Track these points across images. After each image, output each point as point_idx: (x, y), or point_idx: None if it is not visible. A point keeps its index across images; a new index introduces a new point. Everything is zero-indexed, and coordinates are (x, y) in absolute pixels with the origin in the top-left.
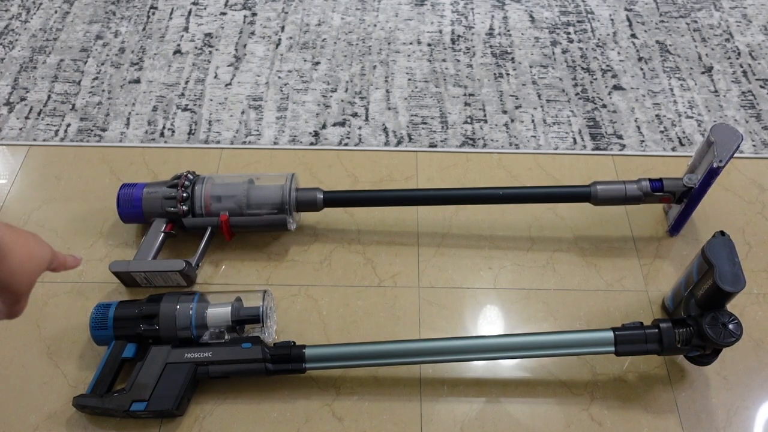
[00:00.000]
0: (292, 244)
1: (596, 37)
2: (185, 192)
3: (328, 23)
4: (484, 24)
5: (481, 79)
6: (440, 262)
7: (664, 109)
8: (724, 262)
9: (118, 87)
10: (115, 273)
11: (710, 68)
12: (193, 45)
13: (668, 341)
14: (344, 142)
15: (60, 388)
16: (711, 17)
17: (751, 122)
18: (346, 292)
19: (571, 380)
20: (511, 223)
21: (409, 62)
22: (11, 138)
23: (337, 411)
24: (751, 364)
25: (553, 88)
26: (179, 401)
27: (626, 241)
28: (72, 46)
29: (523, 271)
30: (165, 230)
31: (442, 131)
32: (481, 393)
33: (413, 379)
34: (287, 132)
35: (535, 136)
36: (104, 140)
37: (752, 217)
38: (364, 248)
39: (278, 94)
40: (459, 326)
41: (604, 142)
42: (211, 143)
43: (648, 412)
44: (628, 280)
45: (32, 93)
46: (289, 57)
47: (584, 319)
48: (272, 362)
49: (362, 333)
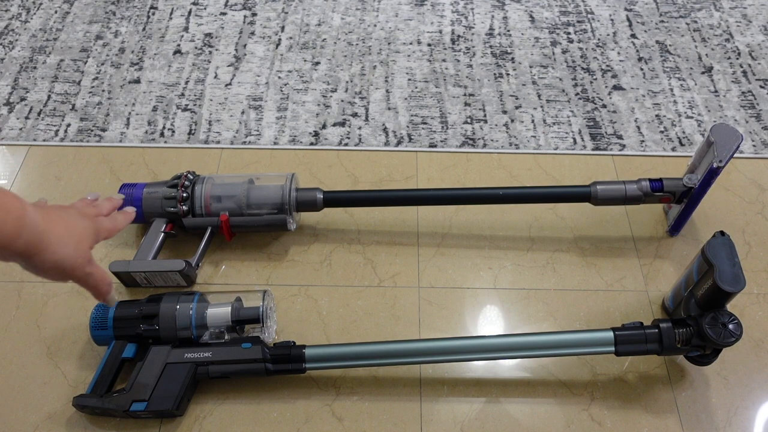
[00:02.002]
0: (292, 244)
1: (596, 37)
2: (185, 192)
3: (328, 23)
4: (484, 24)
5: (481, 79)
6: (440, 262)
7: (664, 109)
8: (724, 262)
9: (118, 87)
10: (114, 273)
11: (710, 68)
12: (193, 45)
13: (668, 341)
14: (344, 142)
15: (60, 388)
16: (711, 17)
17: (751, 122)
18: (346, 292)
19: (571, 380)
20: (511, 223)
21: (409, 62)
22: (11, 138)
23: (337, 411)
24: (751, 364)
25: (553, 88)
26: (179, 401)
27: (626, 241)
28: (72, 46)
29: (523, 271)
30: (165, 230)
31: (442, 131)
32: (481, 393)
33: (413, 379)
34: (287, 132)
35: (535, 136)
36: (104, 140)
37: (752, 217)
38: (364, 248)
39: (278, 94)
40: (459, 326)
41: (604, 142)
42: (211, 143)
43: (648, 412)
44: (628, 280)
45: (32, 93)
46: (289, 57)
47: (584, 319)
48: (272, 362)
49: (362, 333)
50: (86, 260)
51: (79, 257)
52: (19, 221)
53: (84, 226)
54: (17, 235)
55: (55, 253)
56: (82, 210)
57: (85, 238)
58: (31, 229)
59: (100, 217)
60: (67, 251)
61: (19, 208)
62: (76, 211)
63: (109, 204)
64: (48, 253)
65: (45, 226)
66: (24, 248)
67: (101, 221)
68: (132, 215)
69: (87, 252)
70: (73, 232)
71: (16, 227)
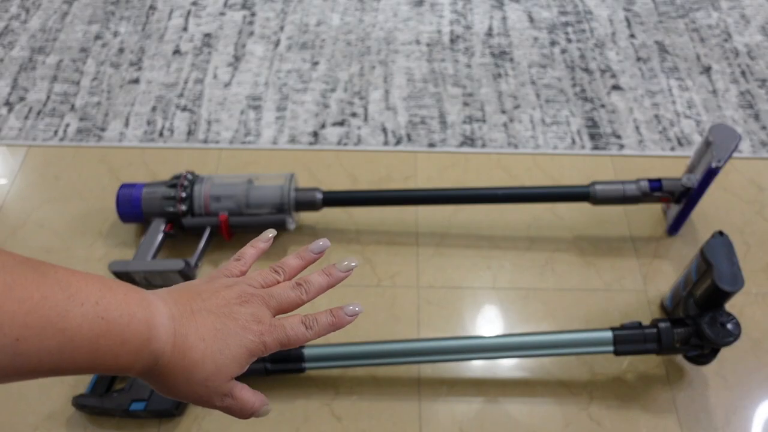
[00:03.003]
0: (291, 244)
1: (595, 37)
2: (184, 192)
3: (328, 23)
4: (483, 24)
5: (479, 79)
6: (439, 262)
7: (662, 109)
8: (723, 262)
9: (117, 87)
10: (114, 273)
11: (708, 68)
12: (192, 45)
13: (667, 341)
14: (343, 142)
15: (59, 387)
16: (709, 17)
17: (749, 122)
18: (345, 292)
19: (570, 380)
20: (510, 223)
21: (408, 62)
22: (11, 138)
23: (336, 411)
24: (749, 363)
25: (551, 88)
26: (178, 401)
27: (625, 241)
28: (71, 47)
29: (522, 271)
30: (164, 230)
31: (441, 131)
32: (480, 393)
33: (412, 378)
34: (286, 132)
35: (534, 136)
36: (103, 140)
37: (751, 217)
38: (363, 248)
39: (277, 94)
40: (458, 326)
41: (603, 142)
42: (211, 143)
43: (647, 411)
44: (627, 280)
45: (31, 93)
46: (288, 57)
47: (583, 319)
48: (271, 362)
49: (361, 333)
50: (219, 395)
51: (208, 394)
52: (137, 353)
53: (240, 346)
54: (132, 365)
55: (174, 387)
56: (255, 303)
57: (229, 366)
58: (151, 361)
59: (274, 323)
60: (192, 389)
61: (145, 337)
62: (242, 314)
63: (323, 282)
64: (167, 386)
65: (171, 356)
66: (140, 374)
67: (282, 329)
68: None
69: (222, 387)
70: (214, 360)
71: (133, 358)
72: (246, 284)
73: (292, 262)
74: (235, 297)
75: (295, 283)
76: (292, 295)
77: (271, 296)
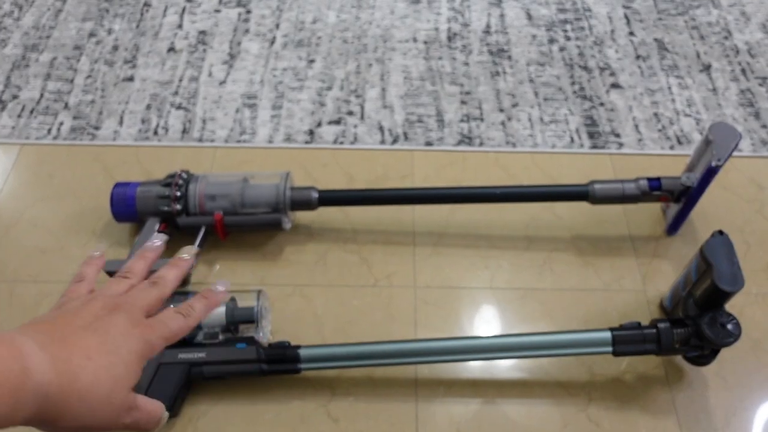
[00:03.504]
0: (286, 243)
1: (594, 34)
2: (179, 191)
3: (324, 21)
4: (481, 22)
5: (477, 77)
6: (436, 261)
7: (662, 108)
8: (723, 262)
9: (111, 85)
10: (108, 273)
11: (708, 66)
12: (187, 43)
13: (666, 341)
14: (339, 141)
15: None
16: (709, 15)
17: (749, 120)
18: (342, 292)
19: (569, 381)
20: (508, 222)
21: (405, 60)
22: (3, 137)
23: (332, 412)
24: (749, 364)
25: (550, 86)
26: (173, 402)
27: (624, 241)
28: (65, 44)
29: (520, 271)
30: (159, 229)
31: (438, 129)
32: (477, 394)
33: (409, 379)
34: (282, 130)
35: (532, 134)
36: (97, 139)
37: (751, 216)
38: (360, 248)
39: (273, 92)
40: (455, 326)
41: (602, 141)
42: (205, 142)
43: (646, 412)
44: (626, 280)
45: (25, 91)
46: (284, 55)
47: (582, 319)
48: (267, 363)
49: (358, 333)
50: (124, 409)
51: (114, 412)
52: (15, 393)
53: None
54: (14, 410)
55: (75, 419)
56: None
57: (127, 376)
58: (38, 398)
59: (151, 322)
60: (96, 413)
61: (18, 372)
62: (117, 322)
63: (176, 272)
64: (66, 421)
65: (60, 385)
66: (29, 420)
67: (162, 324)
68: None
69: (126, 400)
70: (109, 374)
71: (13, 401)
72: (105, 295)
73: (137, 265)
74: (101, 309)
75: (150, 282)
76: (153, 293)
77: (135, 298)
